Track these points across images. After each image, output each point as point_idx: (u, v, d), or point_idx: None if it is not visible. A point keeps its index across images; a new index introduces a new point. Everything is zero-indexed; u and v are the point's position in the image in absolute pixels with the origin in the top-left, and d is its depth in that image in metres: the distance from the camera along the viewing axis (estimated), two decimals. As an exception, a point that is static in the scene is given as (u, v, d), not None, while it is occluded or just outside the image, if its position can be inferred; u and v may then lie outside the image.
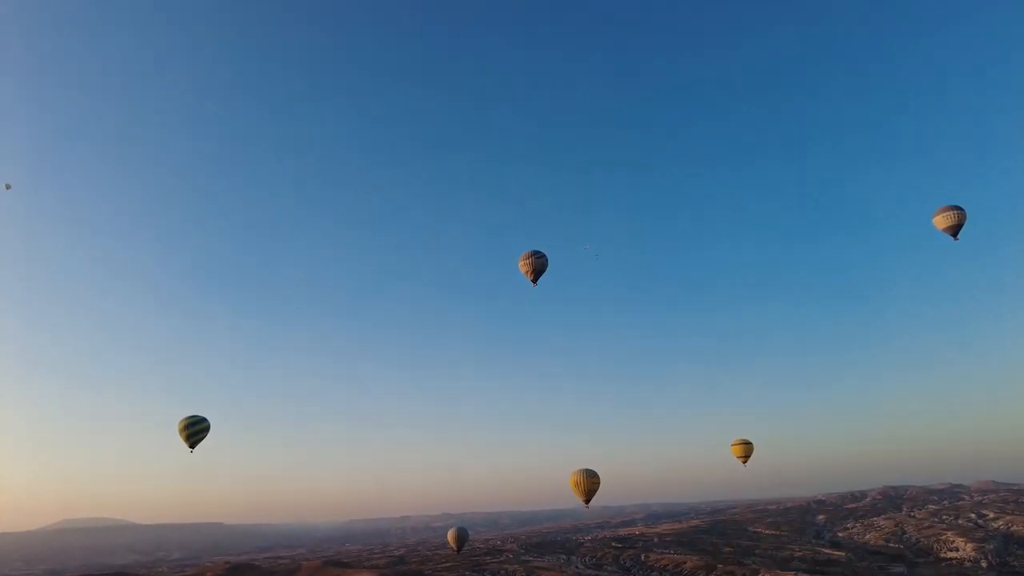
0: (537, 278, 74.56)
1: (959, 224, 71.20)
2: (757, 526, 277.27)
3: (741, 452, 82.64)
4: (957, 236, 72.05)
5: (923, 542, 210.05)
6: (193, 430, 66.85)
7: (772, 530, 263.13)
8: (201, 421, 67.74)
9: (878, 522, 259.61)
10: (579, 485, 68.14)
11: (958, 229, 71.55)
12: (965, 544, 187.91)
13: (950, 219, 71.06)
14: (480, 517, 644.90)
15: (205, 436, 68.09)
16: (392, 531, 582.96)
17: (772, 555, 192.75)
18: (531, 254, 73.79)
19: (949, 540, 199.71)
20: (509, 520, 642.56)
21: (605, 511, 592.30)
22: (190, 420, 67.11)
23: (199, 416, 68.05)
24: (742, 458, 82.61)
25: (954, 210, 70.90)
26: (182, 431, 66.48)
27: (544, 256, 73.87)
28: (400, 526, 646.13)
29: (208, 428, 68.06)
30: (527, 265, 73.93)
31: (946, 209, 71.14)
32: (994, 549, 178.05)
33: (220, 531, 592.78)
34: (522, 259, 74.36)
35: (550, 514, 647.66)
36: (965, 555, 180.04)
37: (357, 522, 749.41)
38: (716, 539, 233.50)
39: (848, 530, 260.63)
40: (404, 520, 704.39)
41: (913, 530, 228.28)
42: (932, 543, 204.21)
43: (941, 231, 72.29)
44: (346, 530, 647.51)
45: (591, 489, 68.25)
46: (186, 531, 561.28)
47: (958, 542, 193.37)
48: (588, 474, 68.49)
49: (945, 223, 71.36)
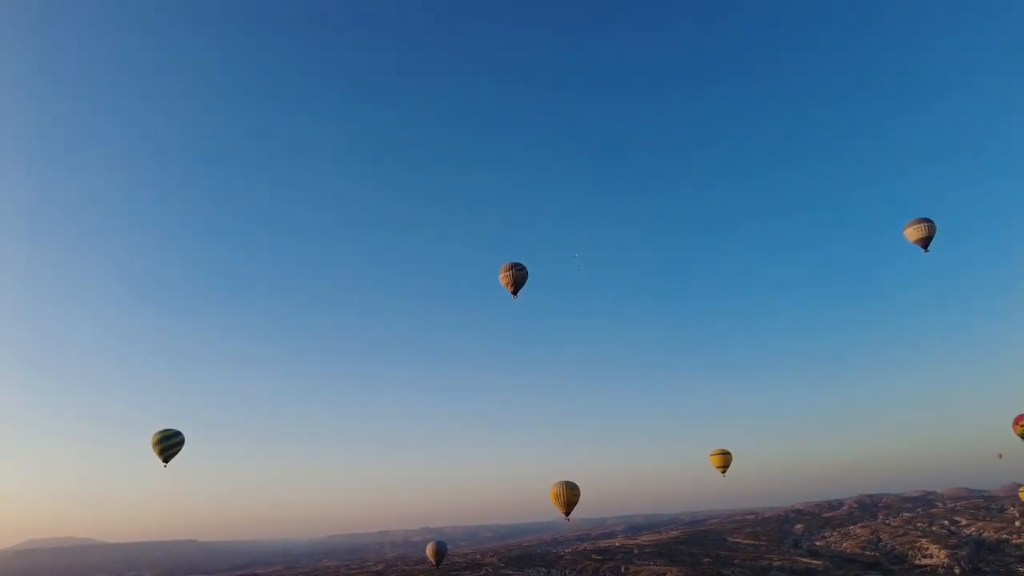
0: (517, 290, 74.43)
1: (929, 236, 72.88)
2: (736, 536, 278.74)
3: (720, 462, 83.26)
4: (927, 248, 73.77)
5: (898, 549, 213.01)
6: (167, 444, 65.61)
7: (751, 540, 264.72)
8: (176, 435, 66.53)
9: (854, 530, 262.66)
10: (559, 497, 67.83)
11: (928, 241, 73.24)
12: (939, 551, 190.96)
13: (920, 231, 72.69)
14: (460, 531, 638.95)
15: (180, 450, 66.94)
16: (371, 546, 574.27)
17: (751, 565, 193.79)
18: (511, 266, 73.68)
19: (923, 547, 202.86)
20: (489, 534, 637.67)
21: (585, 523, 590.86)
22: (164, 434, 65.88)
23: (174, 430, 66.83)
24: (721, 468, 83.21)
25: (924, 223, 72.59)
26: (155, 445, 65.24)
27: (524, 268, 73.81)
28: (379, 541, 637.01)
29: (183, 442, 66.90)
30: (507, 277, 73.82)
31: (916, 222, 72.81)
32: (967, 555, 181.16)
33: (194, 548, 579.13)
34: (502, 271, 74.29)
35: (531, 527, 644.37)
36: (939, 561, 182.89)
37: (336, 537, 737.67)
38: (695, 549, 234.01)
39: (825, 539, 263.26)
40: (383, 535, 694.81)
41: (888, 537, 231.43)
42: (907, 550, 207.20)
43: (912, 243, 73.97)
44: (325, 546, 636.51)
45: (571, 501, 67.96)
46: (158, 549, 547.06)
47: (932, 549, 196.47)
48: (568, 486, 68.21)
49: (916, 235, 72.98)
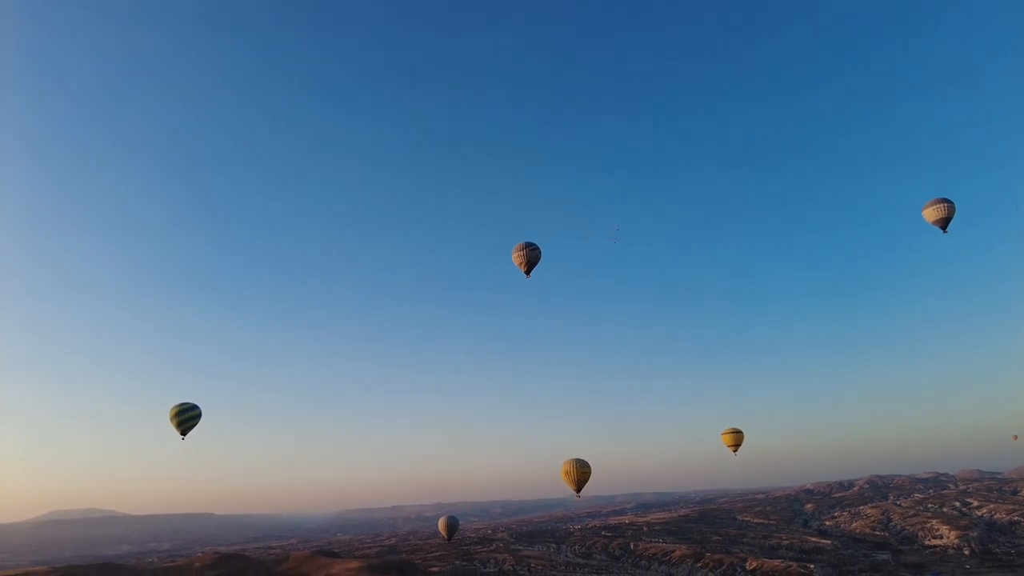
0: (530, 270, 74.42)
1: (948, 217, 71.63)
2: (746, 515, 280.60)
3: (732, 441, 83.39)
4: (946, 229, 72.55)
5: (908, 530, 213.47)
6: (184, 417, 67.01)
7: (760, 519, 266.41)
8: (192, 408, 67.91)
9: (865, 511, 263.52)
10: (570, 475, 68.34)
11: (947, 222, 72.00)
12: (949, 532, 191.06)
13: (940, 212, 71.45)
14: (472, 507, 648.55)
15: (196, 423, 68.24)
16: (384, 521, 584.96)
17: (760, 543, 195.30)
18: (524, 246, 73.55)
19: (933, 528, 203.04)
20: (501, 510, 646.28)
21: (596, 501, 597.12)
22: (181, 407, 67.31)
23: (190, 403, 68.25)
24: (732, 447, 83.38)
25: (943, 203, 71.32)
26: (173, 418, 66.68)
27: (538, 248, 73.71)
28: (392, 516, 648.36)
29: (199, 415, 68.21)
30: (520, 257, 73.79)
31: (936, 202, 71.55)
32: (978, 536, 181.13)
33: (211, 522, 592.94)
34: (516, 250, 74.23)
35: (542, 504, 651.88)
36: (949, 542, 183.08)
37: (350, 512, 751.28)
38: (705, 528, 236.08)
39: (835, 518, 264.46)
40: (397, 510, 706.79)
41: (898, 518, 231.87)
42: (917, 531, 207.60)
43: (930, 224, 72.84)
44: (339, 520, 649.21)
45: (582, 479, 68.48)
46: (177, 522, 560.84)
47: (942, 530, 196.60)
48: (579, 464, 68.68)
49: (935, 216, 71.77)
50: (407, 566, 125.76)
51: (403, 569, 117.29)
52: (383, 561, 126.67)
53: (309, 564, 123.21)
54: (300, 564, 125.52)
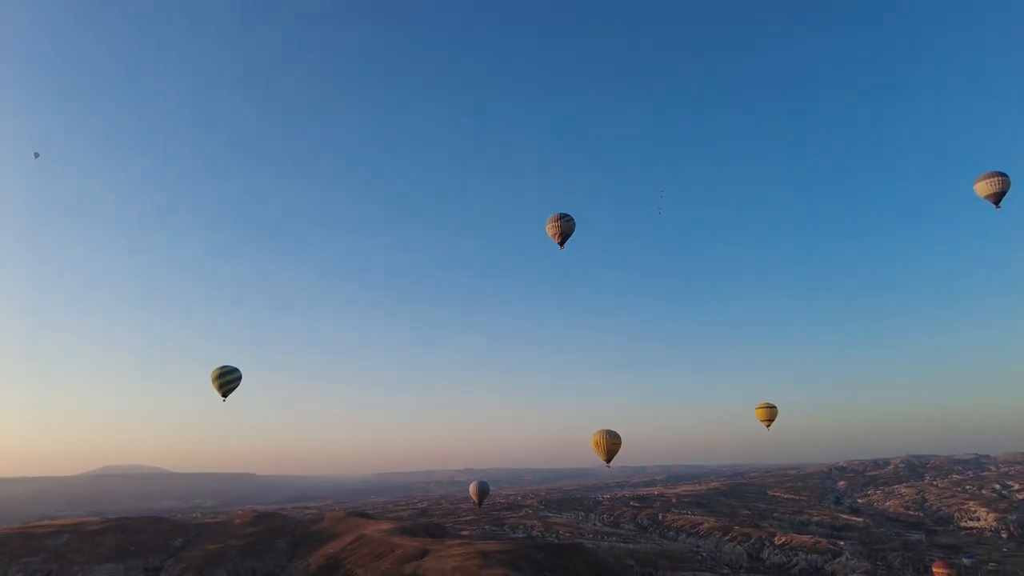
0: (564, 241, 73.78)
1: (1002, 192, 68.45)
2: (776, 490, 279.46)
3: (765, 416, 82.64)
4: (999, 204, 69.51)
5: (944, 511, 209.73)
6: (225, 379, 68.72)
7: (791, 494, 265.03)
8: (233, 371, 69.57)
9: (899, 490, 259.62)
10: (600, 445, 68.71)
11: (1001, 196, 68.83)
12: (987, 514, 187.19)
13: (993, 186, 68.23)
14: (504, 473, 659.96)
15: (237, 386, 69.92)
16: (418, 484, 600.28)
17: (789, 519, 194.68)
18: (559, 217, 72.70)
19: (971, 509, 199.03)
20: (532, 477, 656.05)
21: (626, 471, 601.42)
22: (223, 370, 69.02)
23: (231, 366, 69.98)
24: (766, 422, 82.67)
25: (997, 177, 68.10)
26: (215, 380, 68.51)
27: (572, 219, 72.81)
28: (425, 480, 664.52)
29: (240, 378, 69.90)
30: (555, 228, 73.07)
31: (989, 175, 68.25)
32: (1017, 520, 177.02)
33: (252, 482, 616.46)
34: (550, 221, 73.53)
35: (572, 472, 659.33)
36: (986, 525, 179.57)
37: (385, 475, 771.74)
38: (734, 502, 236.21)
39: (868, 497, 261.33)
40: (429, 474, 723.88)
41: (934, 499, 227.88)
42: (953, 512, 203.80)
43: (983, 198, 69.83)
44: (374, 483, 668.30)
45: (612, 450, 68.78)
46: (221, 480, 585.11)
47: (980, 512, 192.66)
48: (609, 435, 68.93)
49: (988, 190, 68.57)
50: (437, 529, 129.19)
51: (433, 532, 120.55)
52: (415, 523, 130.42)
53: (343, 524, 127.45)
54: (334, 524, 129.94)
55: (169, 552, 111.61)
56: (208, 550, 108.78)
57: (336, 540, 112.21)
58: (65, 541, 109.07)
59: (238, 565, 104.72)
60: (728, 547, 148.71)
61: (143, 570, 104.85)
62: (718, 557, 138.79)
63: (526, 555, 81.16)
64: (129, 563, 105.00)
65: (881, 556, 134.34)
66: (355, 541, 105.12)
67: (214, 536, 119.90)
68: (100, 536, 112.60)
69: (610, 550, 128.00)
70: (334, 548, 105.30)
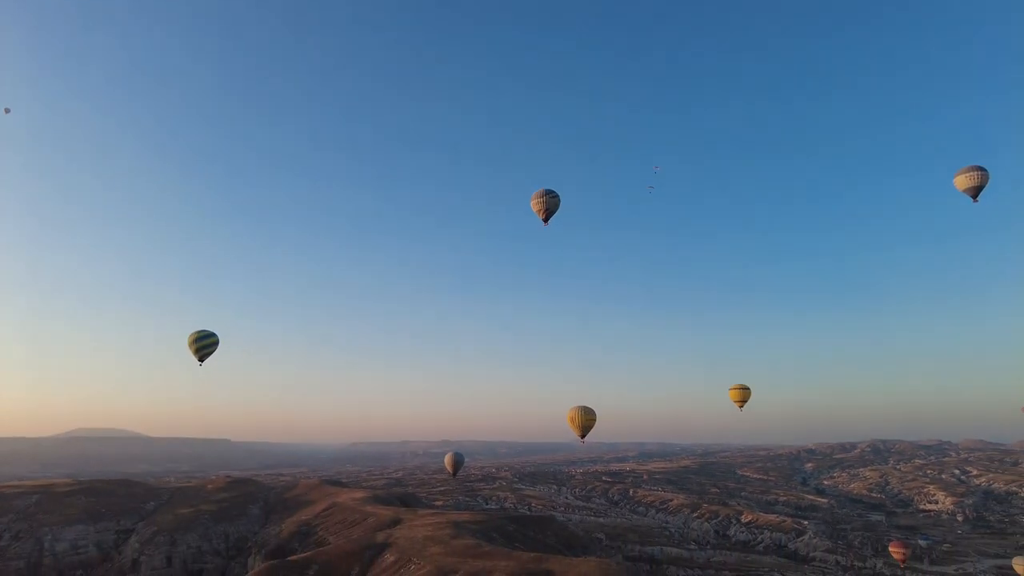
0: (549, 217, 72.98)
1: (980, 186, 69.07)
2: (746, 470, 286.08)
3: (738, 397, 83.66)
4: (977, 198, 70.21)
5: (904, 493, 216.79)
6: (202, 343, 67.60)
7: (760, 474, 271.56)
8: (210, 335, 68.45)
9: (864, 472, 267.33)
10: (575, 421, 69.32)
11: (979, 191, 69.49)
12: (945, 497, 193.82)
13: (972, 180, 68.78)
14: (480, 445, 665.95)
15: (214, 351, 68.85)
16: (394, 455, 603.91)
17: (757, 498, 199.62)
18: (544, 193, 71.61)
19: (930, 493, 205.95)
20: (507, 450, 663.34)
21: (599, 447, 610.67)
22: (199, 334, 67.89)
23: (209, 331, 68.82)
24: (739, 403, 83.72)
25: (976, 171, 68.61)
26: (192, 344, 67.38)
27: (557, 196, 71.90)
28: (402, 450, 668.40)
29: (217, 343, 68.82)
30: (539, 204, 72.06)
31: (969, 170, 68.64)
32: (973, 504, 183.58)
33: (228, 448, 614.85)
34: (534, 197, 72.51)
35: (546, 446, 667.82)
36: (943, 508, 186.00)
37: (361, 445, 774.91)
38: (704, 480, 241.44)
39: (834, 478, 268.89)
40: (405, 445, 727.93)
41: (896, 482, 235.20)
42: (913, 495, 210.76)
43: (961, 192, 70.46)
44: (350, 452, 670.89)
45: (587, 425, 69.44)
46: (195, 446, 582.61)
47: (938, 495, 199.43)
48: (585, 411, 69.51)
49: (967, 184, 69.18)
50: (410, 498, 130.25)
51: (406, 501, 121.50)
52: (388, 493, 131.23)
53: (316, 492, 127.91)
54: (308, 491, 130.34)
55: (141, 515, 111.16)
56: (180, 514, 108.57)
57: (309, 507, 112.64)
58: (35, 502, 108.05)
59: (210, 529, 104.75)
60: (696, 524, 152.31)
61: (114, 532, 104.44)
62: (686, 533, 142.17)
63: (497, 526, 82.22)
64: (100, 525, 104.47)
65: (842, 536, 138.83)
66: (328, 509, 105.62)
67: (187, 500, 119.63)
68: (70, 498, 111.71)
69: (581, 523, 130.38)
70: (307, 515, 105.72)
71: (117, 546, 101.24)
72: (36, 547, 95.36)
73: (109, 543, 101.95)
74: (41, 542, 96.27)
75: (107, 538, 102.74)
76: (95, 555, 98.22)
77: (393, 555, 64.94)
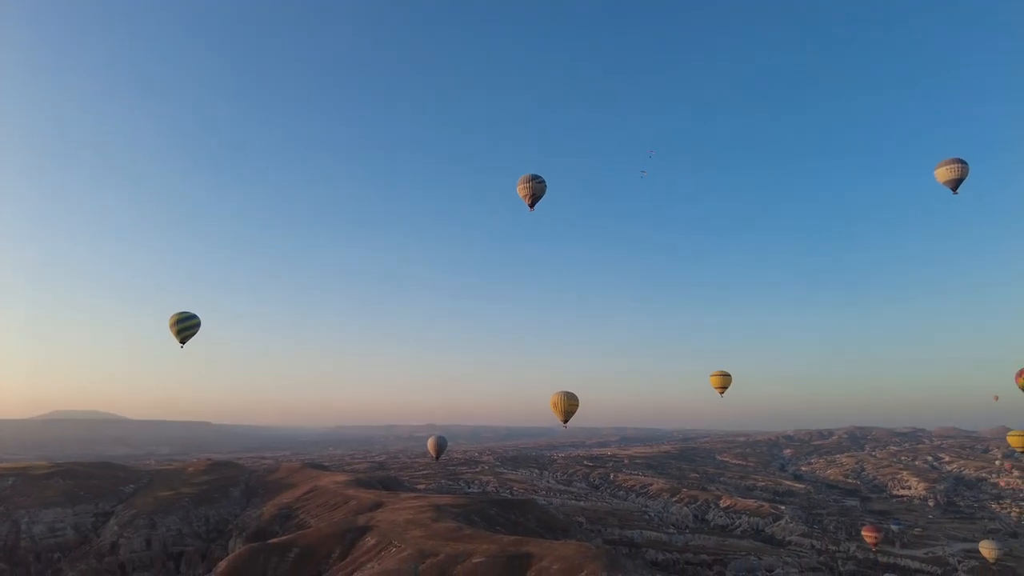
0: (535, 203, 72.57)
1: (960, 178, 69.85)
2: (725, 455, 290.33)
3: (719, 383, 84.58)
4: (957, 190, 71.01)
5: (879, 479, 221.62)
6: (184, 325, 66.64)
7: (739, 460, 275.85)
8: (192, 317, 67.48)
9: (840, 459, 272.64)
10: (558, 406, 69.72)
11: (959, 183, 70.29)
12: (918, 483, 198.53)
13: (952, 172, 69.53)
14: (463, 430, 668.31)
15: (195, 332, 67.89)
16: (378, 438, 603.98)
17: (736, 483, 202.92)
18: (531, 178, 71.09)
19: (903, 479, 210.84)
20: (490, 434, 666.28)
21: (581, 432, 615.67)
22: (181, 316, 66.90)
23: (190, 312, 67.82)
24: (720, 389, 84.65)
25: (956, 163, 69.33)
26: (173, 326, 66.41)
27: (543, 181, 71.54)
28: (386, 434, 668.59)
29: (199, 324, 67.88)
30: (526, 189, 71.54)
31: (949, 162, 69.36)
32: (944, 489, 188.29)
33: (209, 430, 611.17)
34: (521, 182, 72.00)
35: (529, 431, 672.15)
36: (916, 493, 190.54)
37: (345, 428, 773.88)
38: (684, 465, 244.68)
39: (811, 464, 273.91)
40: (390, 429, 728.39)
41: (871, 468, 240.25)
42: (887, 481, 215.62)
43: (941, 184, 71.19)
44: (334, 435, 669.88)
45: (569, 410, 69.87)
46: (176, 428, 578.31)
47: (911, 481, 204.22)
48: (567, 396, 69.92)
49: (947, 176, 69.90)
50: (392, 482, 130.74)
51: (388, 484, 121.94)
52: (370, 476, 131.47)
53: (298, 475, 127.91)
54: (290, 475, 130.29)
55: (120, 498, 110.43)
56: (160, 497, 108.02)
57: (291, 490, 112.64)
58: (11, 484, 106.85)
59: (190, 512, 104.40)
60: (675, 508, 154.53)
61: (92, 515, 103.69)
62: (665, 517, 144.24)
63: (479, 509, 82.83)
64: (78, 508, 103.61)
65: (818, 520, 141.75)
66: (309, 492, 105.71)
67: (167, 483, 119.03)
68: (48, 480, 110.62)
69: (561, 507, 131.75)
70: (288, 498, 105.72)
71: (96, 529, 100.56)
72: (12, 529, 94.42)
73: (87, 526, 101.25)
74: (18, 524, 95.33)
75: (85, 521, 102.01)
76: (73, 538, 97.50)
77: (374, 538, 65.19)
